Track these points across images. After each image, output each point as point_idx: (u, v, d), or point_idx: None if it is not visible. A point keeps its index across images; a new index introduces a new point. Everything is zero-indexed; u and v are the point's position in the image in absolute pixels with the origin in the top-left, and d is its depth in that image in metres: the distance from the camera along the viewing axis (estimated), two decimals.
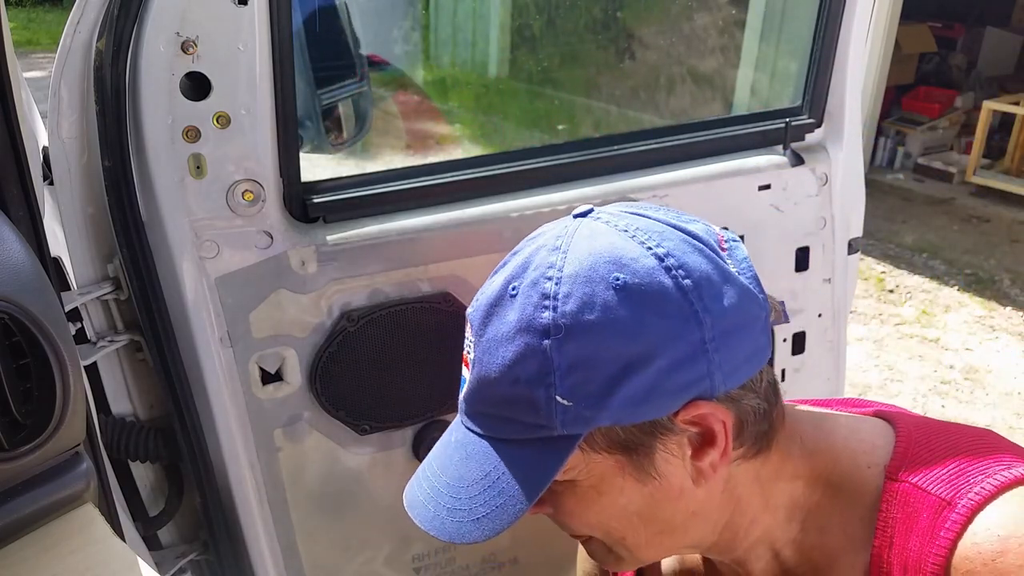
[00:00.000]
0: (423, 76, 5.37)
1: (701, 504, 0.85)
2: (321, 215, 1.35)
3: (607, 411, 0.77)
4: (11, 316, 0.82)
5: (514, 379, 0.79)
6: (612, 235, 0.80)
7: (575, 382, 0.77)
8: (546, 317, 0.77)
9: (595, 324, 0.76)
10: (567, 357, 0.76)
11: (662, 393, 0.77)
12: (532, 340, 0.78)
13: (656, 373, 0.76)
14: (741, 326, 0.80)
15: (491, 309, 0.84)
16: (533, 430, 0.79)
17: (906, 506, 0.80)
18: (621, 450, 0.80)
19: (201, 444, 1.35)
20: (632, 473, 0.81)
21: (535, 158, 1.52)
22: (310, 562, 1.57)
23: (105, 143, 1.16)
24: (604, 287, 0.77)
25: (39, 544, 0.85)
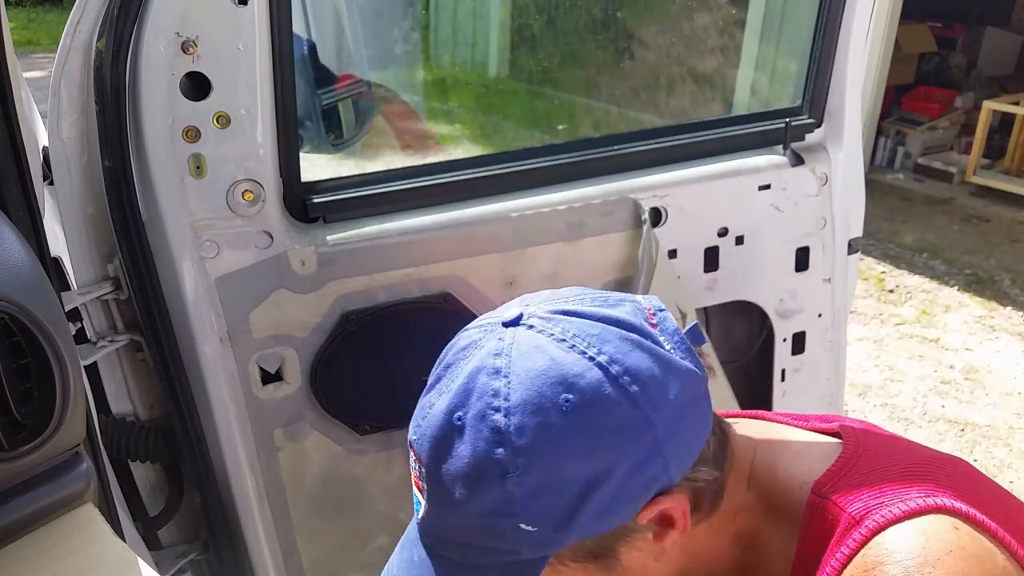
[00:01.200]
0: (423, 76, 5.37)
1: (661, 572, 0.87)
2: (321, 215, 1.35)
3: (574, 529, 0.77)
4: (11, 316, 0.82)
5: (476, 514, 0.78)
6: (552, 349, 0.78)
7: (539, 509, 0.76)
8: (500, 454, 0.76)
9: (552, 452, 0.75)
10: (527, 488, 0.75)
11: (625, 500, 0.78)
12: (491, 479, 0.76)
13: (617, 483, 0.76)
14: (684, 410, 0.80)
15: (438, 443, 0.81)
16: (499, 555, 0.79)
17: (823, 522, 0.83)
18: (588, 559, 0.81)
19: (201, 444, 1.35)
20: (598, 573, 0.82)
21: (535, 158, 1.52)
22: (310, 562, 1.57)
23: (105, 143, 1.16)
24: (556, 414, 0.75)
25: (39, 544, 0.85)
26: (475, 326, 0.85)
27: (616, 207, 1.52)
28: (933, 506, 0.79)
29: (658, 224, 1.55)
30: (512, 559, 0.78)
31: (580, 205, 1.50)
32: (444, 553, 0.83)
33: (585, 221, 1.51)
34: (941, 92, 7.24)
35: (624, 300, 0.85)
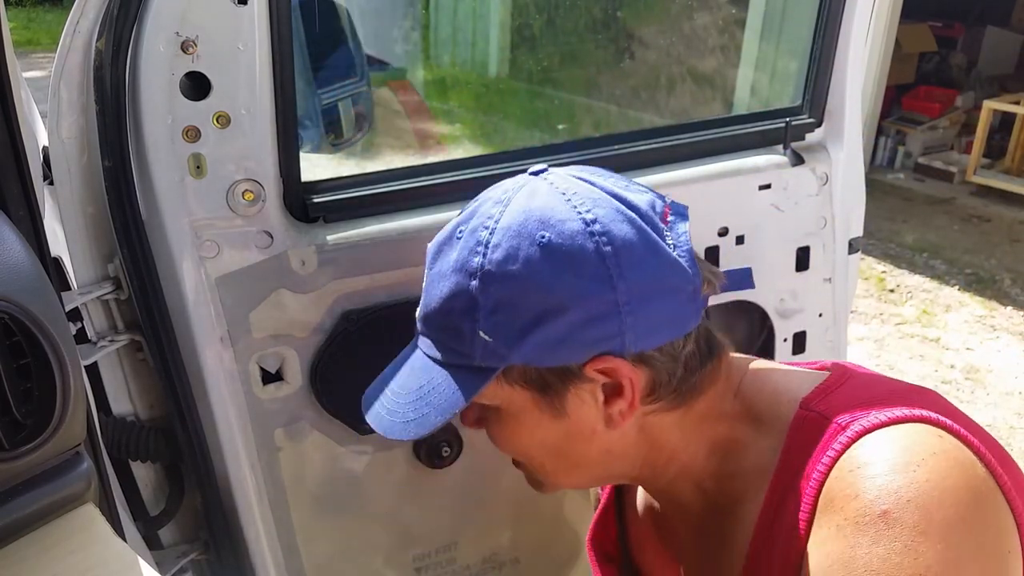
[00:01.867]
0: (423, 76, 5.37)
1: (614, 444, 0.94)
2: (321, 215, 1.35)
3: (520, 351, 0.87)
4: (11, 316, 0.82)
5: (448, 310, 0.91)
6: (550, 196, 0.89)
7: (496, 322, 0.86)
8: (476, 262, 0.88)
9: (516, 274, 0.85)
10: (490, 299, 0.86)
11: (572, 344, 0.86)
12: (463, 279, 0.89)
13: (567, 325, 0.85)
14: (659, 294, 0.86)
15: (440, 247, 0.94)
16: (460, 357, 0.91)
17: (808, 433, 0.86)
18: (535, 388, 0.90)
19: (202, 444, 1.35)
20: (546, 410, 0.91)
21: (535, 158, 1.52)
22: (311, 562, 1.57)
23: (105, 143, 1.16)
24: (530, 243, 0.86)
25: (40, 544, 0.85)
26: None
27: None
28: (918, 416, 0.83)
29: None
30: (468, 363, 0.90)
31: None
32: (423, 348, 0.98)
33: None
34: (941, 92, 7.24)
35: (648, 191, 0.94)
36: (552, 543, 1.79)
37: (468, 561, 1.72)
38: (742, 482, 0.93)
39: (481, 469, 1.63)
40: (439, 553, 1.68)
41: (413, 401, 0.93)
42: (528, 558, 1.78)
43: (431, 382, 0.93)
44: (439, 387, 0.92)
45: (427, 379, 0.94)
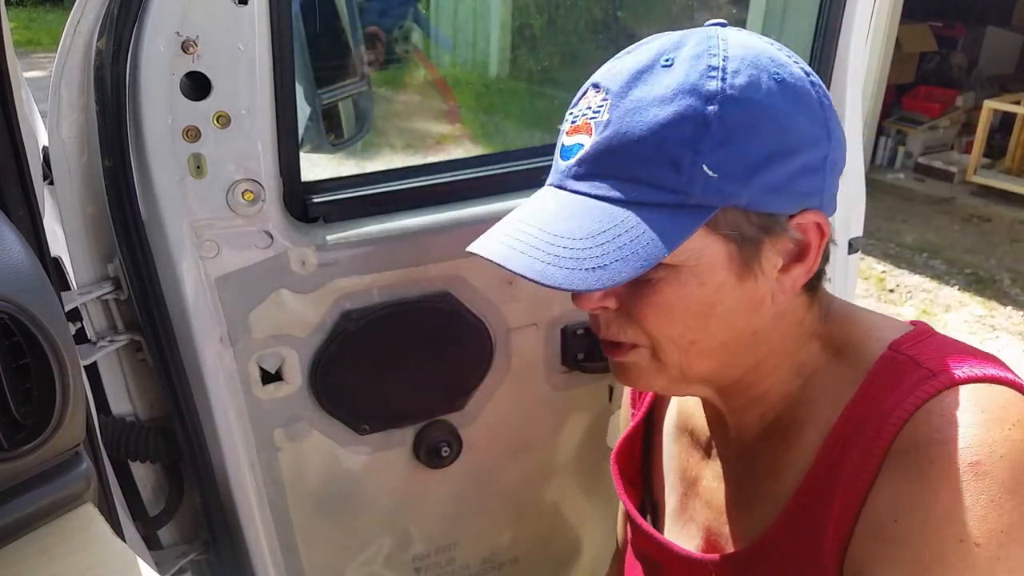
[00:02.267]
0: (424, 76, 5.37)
1: (763, 327, 0.88)
2: (321, 215, 1.35)
3: (746, 191, 0.78)
4: (11, 316, 0.82)
5: (662, 140, 0.78)
6: (763, 42, 0.83)
7: (724, 155, 0.77)
8: (713, 86, 0.78)
9: (758, 104, 0.78)
10: (725, 128, 0.77)
11: (788, 192, 0.81)
12: (694, 103, 0.77)
13: (792, 170, 0.80)
14: (842, 161, 0.86)
15: (638, 75, 0.81)
16: (666, 195, 0.79)
17: (895, 372, 0.84)
18: (736, 240, 0.81)
19: (201, 444, 1.35)
20: (735, 269, 0.82)
21: (536, 158, 1.52)
22: (310, 562, 1.57)
23: (105, 143, 1.16)
24: (767, 76, 0.79)
25: (39, 544, 0.85)
26: None
27: None
28: (1009, 380, 0.81)
29: None
30: (678, 201, 0.78)
31: None
32: (595, 191, 0.82)
33: None
34: (942, 91, 7.24)
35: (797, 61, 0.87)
36: (552, 543, 1.79)
37: (467, 561, 1.72)
38: (809, 409, 0.90)
39: (480, 469, 1.63)
40: (439, 553, 1.68)
41: (596, 247, 0.78)
42: (527, 558, 1.78)
43: (619, 225, 0.79)
44: (632, 231, 0.78)
45: (610, 222, 0.79)
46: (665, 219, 0.78)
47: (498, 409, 1.59)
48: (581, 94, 0.88)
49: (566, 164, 0.85)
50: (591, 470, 1.72)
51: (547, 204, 0.86)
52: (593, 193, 0.82)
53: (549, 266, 0.79)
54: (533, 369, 1.58)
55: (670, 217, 0.78)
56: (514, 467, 1.66)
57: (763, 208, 0.80)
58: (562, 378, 1.62)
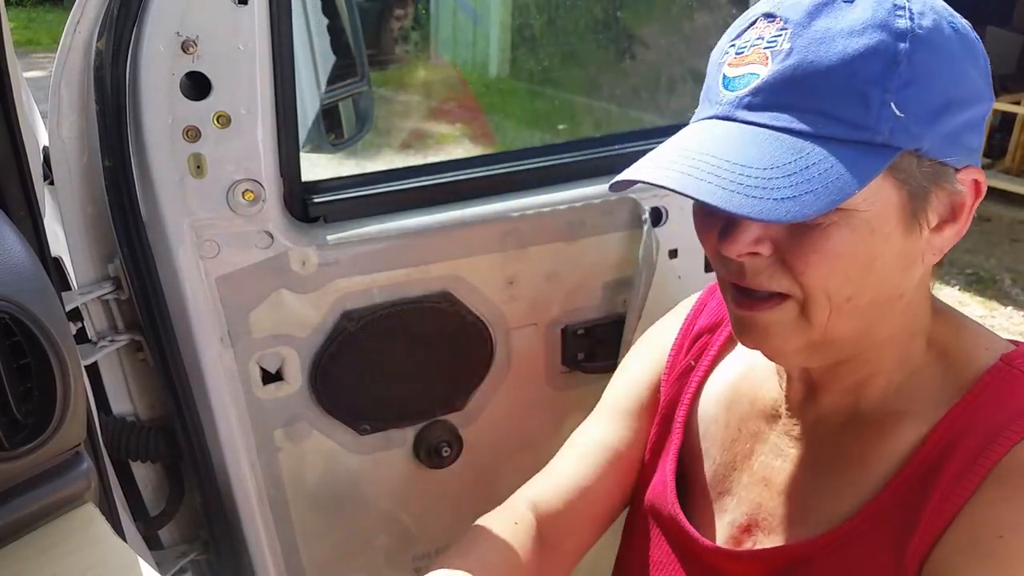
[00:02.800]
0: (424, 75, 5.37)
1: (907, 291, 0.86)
2: (321, 215, 1.35)
3: (929, 135, 0.77)
4: (11, 316, 0.82)
5: (851, 73, 0.76)
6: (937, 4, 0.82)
7: (911, 95, 0.76)
8: (903, 24, 0.77)
9: (943, 47, 0.78)
10: (913, 67, 0.76)
11: (960, 143, 0.80)
12: (887, 39, 0.76)
13: (964, 121, 0.80)
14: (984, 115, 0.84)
15: (820, 7, 0.79)
16: (853, 130, 0.76)
17: (1006, 384, 0.83)
18: (910, 188, 0.79)
19: (202, 444, 1.35)
20: (904, 219, 0.80)
21: (535, 158, 1.52)
22: (310, 562, 1.57)
23: (105, 143, 1.16)
24: (947, 22, 0.79)
25: (40, 544, 0.85)
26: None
27: (616, 207, 1.52)
28: None
29: (659, 224, 1.55)
30: (864, 138, 0.76)
31: (580, 205, 1.50)
32: (775, 122, 0.79)
33: (585, 221, 1.51)
34: None
35: None
36: None
37: None
38: (909, 405, 0.89)
39: (481, 469, 1.63)
40: (439, 553, 1.69)
41: (783, 177, 0.75)
42: None
43: (807, 157, 0.76)
44: (821, 163, 0.75)
45: (796, 154, 0.76)
46: (852, 155, 0.75)
47: (498, 409, 1.59)
48: (748, 24, 0.83)
49: (734, 95, 0.80)
50: None
51: (716, 133, 0.80)
52: (773, 124, 0.78)
53: (735, 194, 0.74)
54: (533, 369, 1.59)
55: (857, 154, 0.76)
56: (514, 467, 1.66)
57: (940, 156, 0.78)
58: (562, 378, 1.62)
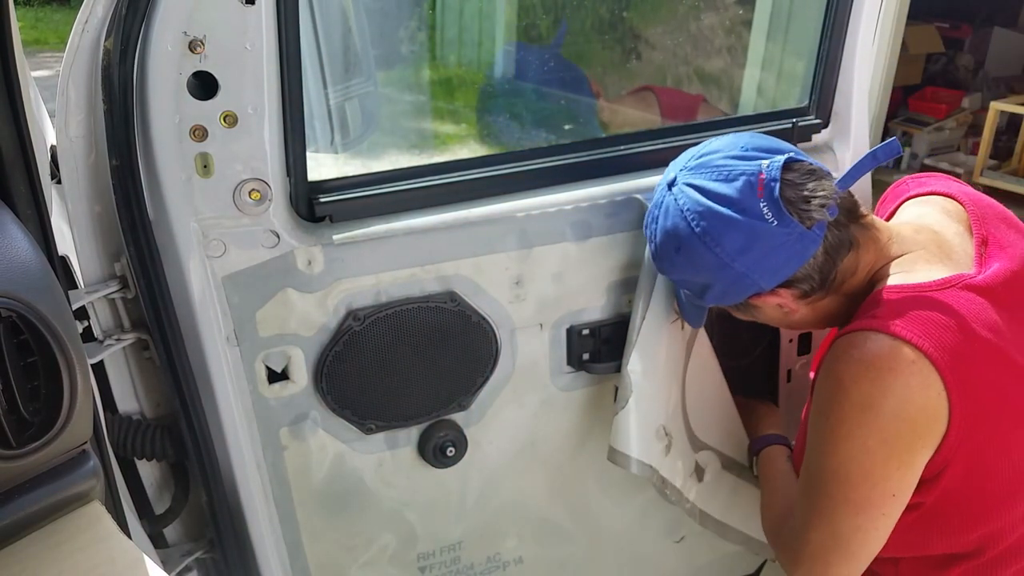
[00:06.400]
0: (429, 76, 5.37)
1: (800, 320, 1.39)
2: (328, 214, 1.36)
3: (707, 301, 1.39)
4: (19, 314, 0.82)
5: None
6: (676, 217, 1.29)
7: (684, 286, 1.41)
8: (655, 256, 1.39)
9: (675, 269, 1.36)
10: (674, 278, 1.42)
11: (731, 296, 1.34)
12: (656, 267, 1.44)
13: (719, 290, 1.33)
14: (767, 254, 1.25)
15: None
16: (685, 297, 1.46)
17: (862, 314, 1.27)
18: (735, 308, 1.41)
19: (207, 442, 1.36)
20: (749, 312, 1.40)
21: (541, 158, 1.52)
22: (315, 560, 1.57)
23: (112, 142, 1.16)
24: (672, 252, 1.32)
25: (46, 541, 0.86)
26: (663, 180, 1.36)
27: (622, 207, 1.52)
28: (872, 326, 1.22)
29: None
30: (691, 302, 1.44)
31: (586, 205, 1.50)
32: None
33: (591, 221, 1.51)
34: (948, 93, 7.20)
35: (742, 173, 1.25)
36: (556, 543, 1.79)
37: (472, 560, 1.72)
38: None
39: (486, 469, 1.63)
40: (443, 552, 1.69)
41: (687, 309, 1.46)
42: (532, 558, 1.78)
43: (686, 307, 1.46)
44: (689, 309, 1.46)
45: (688, 304, 1.45)
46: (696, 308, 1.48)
47: (503, 409, 1.59)
48: None
49: None
50: (596, 470, 1.72)
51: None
52: None
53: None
54: (538, 369, 1.59)
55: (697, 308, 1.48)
56: (519, 467, 1.67)
57: (721, 304, 1.44)
58: (567, 379, 1.62)
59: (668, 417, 1.58)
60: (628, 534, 1.83)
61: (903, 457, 1.20)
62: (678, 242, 1.29)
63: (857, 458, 1.21)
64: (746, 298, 1.33)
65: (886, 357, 1.18)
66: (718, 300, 1.36)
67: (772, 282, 1.29)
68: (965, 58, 7.67)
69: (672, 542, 1.88)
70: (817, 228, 1.24)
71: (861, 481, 1.22)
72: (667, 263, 1.35)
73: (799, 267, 1.27)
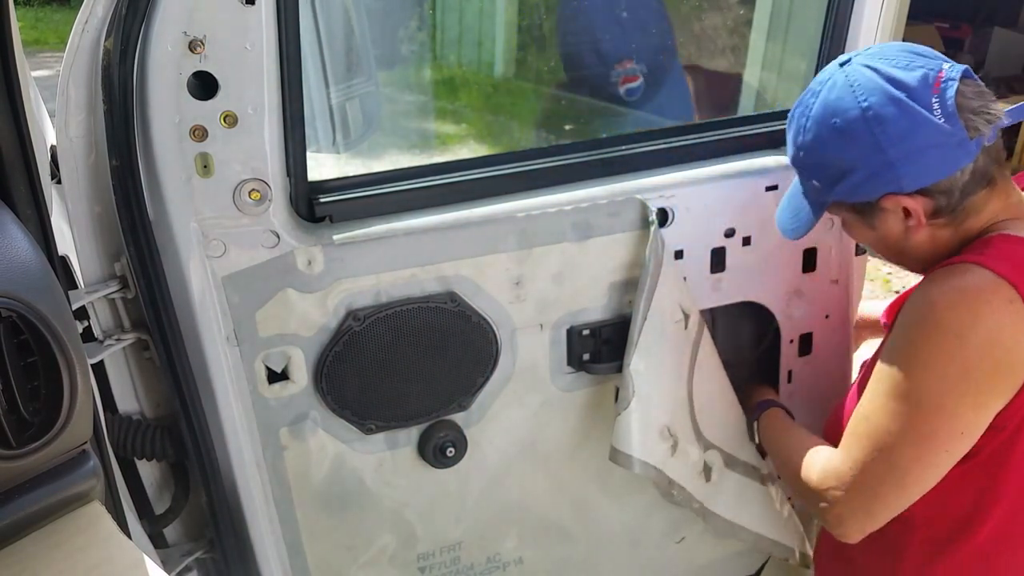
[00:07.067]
0: (430, 76, 5.37)
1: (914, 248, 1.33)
2: (328, 215, 1.36)
3: (835, 193, 1.32)
4: (19, 314, 0.82)
5: (795, 168, 1.40)
6: (842, 89, 1.26)
7: (816, 173, 1.34)
8: (799, 140, 1.33)
9: (821, 145, 1.29)
10: (810, 163, 1.34)
11: (865, 188, 1.28)
12: (793, 152, 1.37)
13: (857, 179, 1.27)
14: (921, 151, 1.22)
15: (788, 123, 1.38)
16: (810, 194, 1.38)
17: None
18: (855, 211, 1.34)
19: (207, 442, 1.36)
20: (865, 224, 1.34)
21: (542, 158, 1.52)
22: (315, 561, 1.57)
23: (112, 142, 1.16)
24: (828, 127, 1.27)
25: (46, 541, 0.85)
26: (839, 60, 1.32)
27: (623, 207, 1.52)
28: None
29: (664, 224, 1.55)
30: (813, 198, 1.37)
31: (587, 205, 1.49)
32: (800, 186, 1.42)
33: (592, 221, 1.51)
34: None
35: (922, 67, 1.24)
36: (556, 543, 1.79)
37: (472, 560, 1.72)
38: None
39: (486, 469, 1.63)
40: (443, 553, 1.69)
41: (791, 217, 1.43)
42: (532, 558, 1.77)
43: (801, 208, 1.41)
44: (803, 210, 1.40)
45: (799, 207, 1.41)
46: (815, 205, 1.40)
47: (503, 409, 1.59)
48: None
49: None
50: (596, 471, 1.72)
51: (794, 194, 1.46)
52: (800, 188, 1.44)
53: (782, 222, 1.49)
54: (538, 370, 1.58)
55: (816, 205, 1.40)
56: (519, 467, 1.66)
57: (851, 200, 1.34)
58: (567, 379, 1.62)
59: (673, 417, 1.58)
60: (628, 535, 1.83)
61: (979, 396, 1.19)
62: (838, 117, 1.25)
63: (933, 386, 1.20)
64: (880, 197, 1.26)
65: (986, 290, 1.18)
66: (851, 191, 1.29)
67: (915, 183, 1.24)
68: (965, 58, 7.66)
69: (673, 543, 1.88)
70: (975, 144, 1.22)
71: (933, 412, 1.20)
72: (813, 141, 1.29)
73: (946, 176, 1.23)
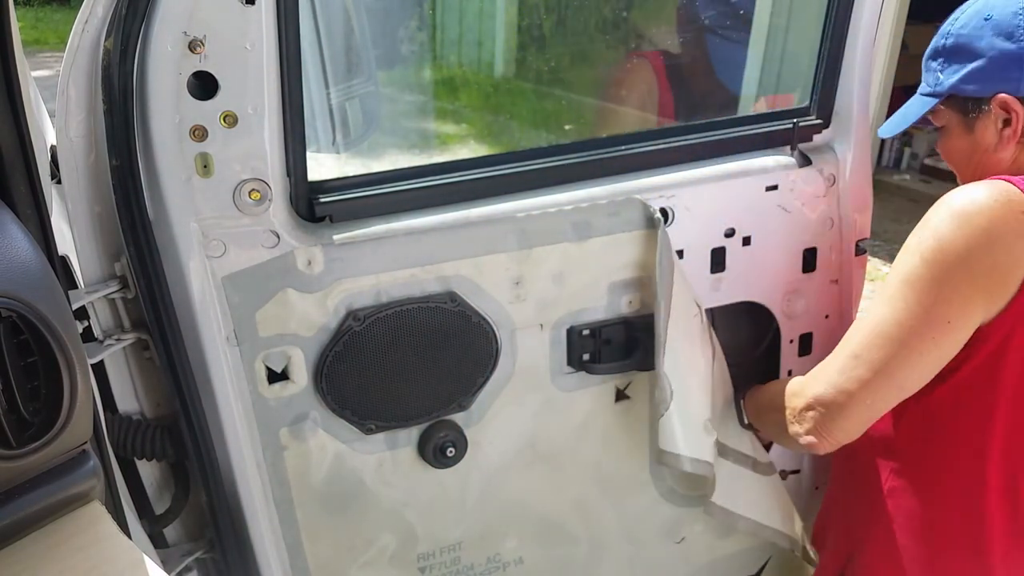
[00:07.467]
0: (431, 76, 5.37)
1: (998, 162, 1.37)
2: (328, 214, 1.35)
3: (953, 81, 1.37)
4: (19, 314, 0.82)
5: (928, 56, 1.44)
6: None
7: (946, 63, 1.38)
8: (946, 29, 1.39)
9: (963, 36, 1.35)
10: (946, 51, 1.38)
11: (988, 79, 1.33)
12: (938, 40, 1.40)
13: (986, 67, 1.33)
14: None
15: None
16: (927, 87, 1.43)
17: None
18: (960, 110, 1.38)
19: (207, 442, 1.35)
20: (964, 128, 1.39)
21: (542, 158, 1.52)
22: (315, 561, 1.57)
23: (112, 142, 1.16)
24: (978, 18, 1.34)
25: (46, 541, 0.85)
26: None
27: (623, 207, 1.52)
28: None
29: (665, 225, 1.55)
30: (930, 89, 1.42)
31: (587, 205, 1.49)
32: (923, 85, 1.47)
33: (592, 221, 1.51)
34: None
35: None
36: (557, 543, 1.79)
37: (472, 560, 1.72)
38: None
39: (486, 469, 1.63)
40: (443, 553, 1.68)
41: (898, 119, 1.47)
42: (532, 558, 1.77)
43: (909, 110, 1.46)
44: (912, 107, 1.46)
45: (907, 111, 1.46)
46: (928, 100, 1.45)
47: (503, 409, 1.59)
48: None
49: None
50: (596, 471, 1.72)
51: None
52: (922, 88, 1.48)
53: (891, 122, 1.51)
54: (538, 370, 1.58)
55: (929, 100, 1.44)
56: (519, 467, 1.66)
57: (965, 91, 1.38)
58: (567, 379, 1.62)
59: (710, 410, 1.58)
60: (628, 535, 1.83)
61: (962, 287, 1.25)
62: (994, 12, 1.32)
63: (917, 267, 1.27)
64: (992, 94, 1.32)
65: (998, 196, 1.25)
66: (969, 78, 1.34)
67: None
68: None
69: (673, 543, 1.88)
70: None
71: (916, 300, 1.26)
72: (961, 27, 1.36)
73: None
